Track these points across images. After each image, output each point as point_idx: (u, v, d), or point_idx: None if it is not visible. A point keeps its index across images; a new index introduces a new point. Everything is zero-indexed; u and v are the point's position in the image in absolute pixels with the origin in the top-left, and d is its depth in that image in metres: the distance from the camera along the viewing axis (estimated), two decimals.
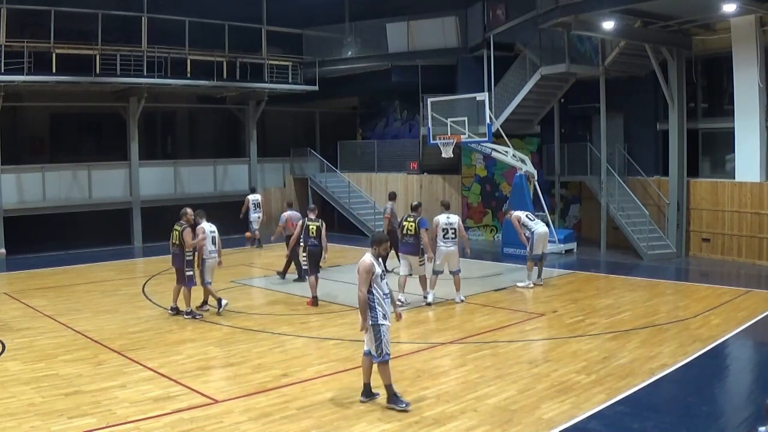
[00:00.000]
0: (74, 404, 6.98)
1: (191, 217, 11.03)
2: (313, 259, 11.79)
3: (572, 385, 7.51)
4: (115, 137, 21.73)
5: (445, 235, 11.80)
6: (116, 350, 9.05)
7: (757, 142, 15.71)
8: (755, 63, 15.50)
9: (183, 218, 10.99)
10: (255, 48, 22.24)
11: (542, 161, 20.92)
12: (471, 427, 6.43)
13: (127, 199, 20.70)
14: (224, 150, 25.03)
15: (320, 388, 7.51)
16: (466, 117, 17.93)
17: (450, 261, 11.88)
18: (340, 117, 28.01)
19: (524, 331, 10.19)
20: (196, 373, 8.11)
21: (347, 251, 18.87)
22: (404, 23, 22.20)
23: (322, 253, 11.82)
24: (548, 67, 18.32)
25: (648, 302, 11.94)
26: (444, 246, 11.80)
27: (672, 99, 16.70)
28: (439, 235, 11.80)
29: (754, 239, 15.88)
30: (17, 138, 20.52)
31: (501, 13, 19.44)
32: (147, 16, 19.52)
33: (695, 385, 7.66)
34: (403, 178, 22.83)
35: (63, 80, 18.43)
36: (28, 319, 10.90)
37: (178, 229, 10.87)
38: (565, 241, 18.14)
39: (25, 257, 17.60)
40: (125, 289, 13.22)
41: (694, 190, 17.18)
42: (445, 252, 11.80)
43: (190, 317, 10.83)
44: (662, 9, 15.24)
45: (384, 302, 6.88)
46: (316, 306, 11.68)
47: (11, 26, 17.66)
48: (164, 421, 6.54)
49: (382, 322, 6.83)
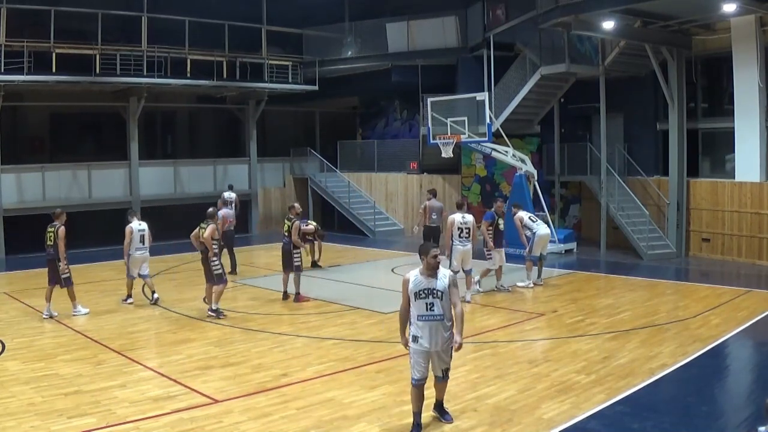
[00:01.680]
0: (74, 404, 6.98)
1: (218, 218, 11.38)
2: (284, 257, 12.17)
3: (572, 385, 7.51)
4: (115, 137, 21.74)
5: (461, 235, 11.88)
6: (116, 350, 9.05)
7: (757, 142, 15.70)
8: (755, 63, 15.50)
9: (211, 218, 11.12)
10: (255, 48, 22.25)
11: (542, 161, 20.91)
12: (471, 427, 6.43)
13: (127, 199, 20.67)
14: (224, 150, 25.03)
15: (320, 388, 7.51)
16: (466, 117, 17.92)
17: (465, 260, 11.94)
18: (340, 117, 28.02)
19: (524, 331, 10.19)
20: (195, 372, 8.11)
21: (347, 251, 18.88)
22: (404, 23, 22.22)
23: (291, 250, 12.05)
24: (548, 67, 18.32)
25: (648, 302, 11.94)
26: (460, 245, 11.85)
27: (672, 99, 16.70)
28: (455, 234, 11.83)
29: (754, 239, 15.88)
30: (17, 138, 20.53)
31: (501, 13, 19.44)
32: (147, 16, 19.52)
33: (695, 385, 7.66)
34: (403, 178, 22.85)
35: (63, 80, 18.43)
36: (28, 319, 10.90)
37: (204, 226, 11.00)
38: (565, 241, 18.13)
39: (25, 257, 17.60)
40: (125, 289, 13.19)
41: (694, 190, 17.17)
42: (461, 251, 11.86)
43: (215, 315, 10.91)
44: (662, 9, 15.23)
45: (418, 323, 6.16)
46: (298, 302, 11.93)
47: (11, 26, 17.66)
48: (164, 421, 6.54)
49: (410, 345, 6.27)
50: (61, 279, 11.03)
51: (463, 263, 11.94)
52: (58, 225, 11.06)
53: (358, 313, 11.27)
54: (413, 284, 6.15)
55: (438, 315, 6.10)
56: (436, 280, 6.12)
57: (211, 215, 11.22)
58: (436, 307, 6.10)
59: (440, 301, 6.10)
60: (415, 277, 6.16)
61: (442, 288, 6.11)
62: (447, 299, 6.13)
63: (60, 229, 10.97)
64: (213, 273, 10.94)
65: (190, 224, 13.59)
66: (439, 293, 6.10)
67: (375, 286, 13.84)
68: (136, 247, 11.93)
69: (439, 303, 6.10)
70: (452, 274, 6.24)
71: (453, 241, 11.82)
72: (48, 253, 11.07)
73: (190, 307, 11.79)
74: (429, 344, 6.12)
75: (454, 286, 6.19)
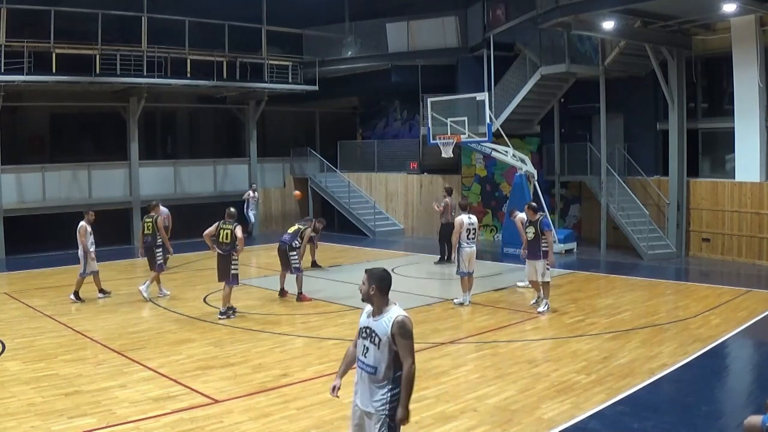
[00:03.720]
0: (74, 404, 6.98)
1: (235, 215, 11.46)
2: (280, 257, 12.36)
3: (572, 385, 7.51)
4: (115, 137, 21.74)
5: (469, 236, 11.86)
6: (116, 350, 9.05)
7: (757, 142, 15.71)
8: (755, 63, 15.50)
9: (232, 217, 11.18)
10: (255, 48, 22.25)
11: (542, 161, 20.92)
12: (471, 427, 6.43)
13: (127, 199, 20.70)
14: (224, 150, 25.04)
15: (320, 388, 7.50)
16: (466, 117, 17.93)
17: (471, 261, 11.92)
18: (340, 117, 28.01)
19: (524, 331, 10.19)
20: (196, 373, 8.11)
21: (347, 251, 18.89)
22: (404, 23, 22.20)
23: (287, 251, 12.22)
24: (548, 67, 18.32)
25: (648, 302, 11.94)
26: (468, 247, 11.82)
27: (672, 99, 16.70)
28: (463, 235, 11.80)
29: (754, 239, 15.89)
30: (17, 138, 20.51)
31: (501, 13, 19.44)
32: (147, 16, 19.52)
33: (695, 385, 7.66)
34: (403, 178, 22.85)
35: (63, 80, 18.43)
36: (28, 319, 10.90)
37: (229, 227, 10.92)
38: (565, 241, 18.13)
39: (25, 257, 17.61)
40: (125, 289, 13.21)
41: (694, 190, 17.18)
42: (470, 252, 11.81)
43: (225, 316, 10.89)
44: (662, 9, 15.24)
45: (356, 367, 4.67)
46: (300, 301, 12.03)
47: (11, 26, 17.65)
48: (164, 421, 6.54)
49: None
50: (156, 264, 12.41)
51: (469, 264, 11.94)
52: (155, 216, 12.72)
53: (358, 313, 11.10)
54: (362, 316, 4.75)
55: (368, 366, 4.51)
56: (381, 319, 4.54)
57: (233, 215, 11.21)
58: (369, 355, 4.52)
59: (375, 350, 4.48)
60: (367, 307, 4.73)
61: (381, 333, 4.47)
62: (387, 350, 4.44)
63: (158, 220, 12.69)
64: (230, 272, 10.94)
65: (190, 224, 13.65)
66: (376, 339, 4.49)
67: None
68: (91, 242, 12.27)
69: (373, 351, 4.50)
70: (400, 321, 4.45)
71: (461, 243, 11.77)
72: (145, 242, 12.62)
73: (191, 307, 11.79)
74: (359, 399, 4.60)
75: (401, 336, 4.41)
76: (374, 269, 4.70)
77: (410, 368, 4.43)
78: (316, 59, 22.92)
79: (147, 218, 12.77)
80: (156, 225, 12.55)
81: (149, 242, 12.54)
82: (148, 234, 12.57)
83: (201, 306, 11.80)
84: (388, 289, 4.60)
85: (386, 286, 4.60)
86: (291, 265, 12.07)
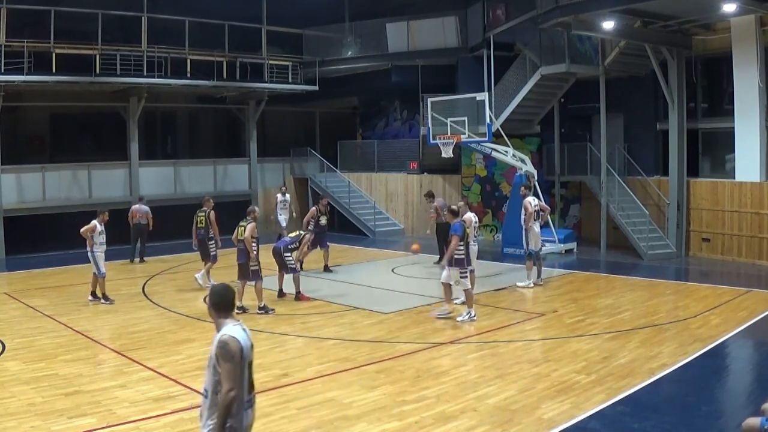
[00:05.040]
0: (74, 404, 6.98)
1: (257, 214, 11.59)
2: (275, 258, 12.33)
3: (572, 385, 7.51)
4: (115, 137, 21.72)
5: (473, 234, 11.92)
6: (116, 350, 9.06)
7: (757, 142, 15.70)
8: (755, 63, 15.50)
9: (249, 215, 11.31)
10: (255, 48, 22.24)
11: (542, 161, 20.91)
12: (471, 427, 6.43)
13: (127, 199, 20.65)
14: (224, 150, 25.03)
15: (320, 388, 7.51)
16: (466, 117, 17.91)
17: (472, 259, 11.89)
18: (340, 117, 28.01)
19: (524, 331, 10.19)
20: (196, 372, 8.08)
21: (347, 251, 18.88)
22: (404, 23, 22.21)
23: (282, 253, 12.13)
24: (548, 67, 18.32)
25: (648, 302, 11.94)
26: (473, 245, 11.83)
27: (672, 99, 16.70)
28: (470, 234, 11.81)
29: (754, 239, 15.88)
30: (17, 138, 20.50)
31: (501, 13, 19.44)
32: (147, 16, 19.52)
33: (695, 385, 7.66)
34: (403, 178, 22.85)
35: (63, 80, 18.42)
36: (28, 319, 10.90)
37: (243, 224, 11.13)
38: (565, 241, 18.13)
39: (25, 257, 17.60)
40: (125, 289, 13.21)
41: (694, 189, 17.17)
42: (474, 251, 11.84)
43: (263, 312, 11.10)
44: (662, 9, 15.23)
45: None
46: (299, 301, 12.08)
47: (11, 26, 17.65)
48: (164, 421, 6.54)
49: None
50: (210, 255, 13.10)
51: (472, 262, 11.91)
52: (207, 210, 13.28)
53: (358, 313, 11.27)
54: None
55: (203, 389, 4.18)
56: (215, 338, 4.17)
57: (249, 212, 11.38)
58: (205, 377, 4.17)
59: (208, 371, 4.14)
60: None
61: (211, 353, 4.14)
62: (212, 373, 4.09)
63: (211, 214, 13.23)
64: (250, 270, 11.10)
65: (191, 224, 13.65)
66: (209, 359, 4.15)
67: (375, 286, 13.84)
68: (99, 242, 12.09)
69: (207, 373, 4.16)
70: (223, 341, 4.08)
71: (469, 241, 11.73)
72: (198, 234, 13.28)
73: (191, 307, 11.79)
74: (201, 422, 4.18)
75: (222, 358, 4.04)
76: (217, 286, 4.41)
77: (227, 395, 3.95)
78: (316, 59, 22.91)
79: (200, 212, 13.36)
80: (209, 218, 13.14)
81: (202, 235, 13.20)
82: (201, 227, 13.23)
83: (201, 306, 11.78)
84: (224, 307, 4.23)
85: (220, 302, 4.24)
86: (287, 265, 12.08)
